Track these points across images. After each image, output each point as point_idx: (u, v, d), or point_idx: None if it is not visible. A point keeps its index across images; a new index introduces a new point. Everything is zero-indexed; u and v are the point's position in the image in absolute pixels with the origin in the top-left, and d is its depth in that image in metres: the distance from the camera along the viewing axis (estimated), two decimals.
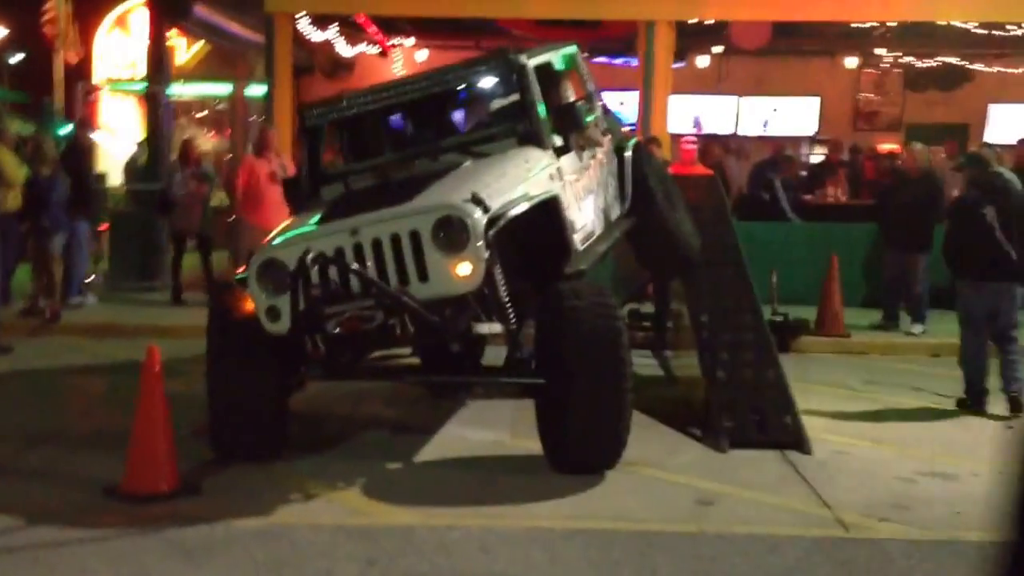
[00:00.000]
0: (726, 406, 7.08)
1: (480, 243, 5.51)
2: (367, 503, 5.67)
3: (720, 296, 8.33)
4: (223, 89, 16.63)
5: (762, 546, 5.01)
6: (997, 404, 7.82)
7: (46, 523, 5.24)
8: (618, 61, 16.86)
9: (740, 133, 17.89)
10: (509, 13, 13.61)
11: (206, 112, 18.00)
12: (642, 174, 7.91)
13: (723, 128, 18.21)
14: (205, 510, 5.42)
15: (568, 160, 6.80)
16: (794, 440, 6.73)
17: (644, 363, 9.54)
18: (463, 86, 7.36)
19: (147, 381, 5.65)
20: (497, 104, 7.57)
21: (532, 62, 6.88)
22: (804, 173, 15.49)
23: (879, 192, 11.80)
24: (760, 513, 5.53)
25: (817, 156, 18.15)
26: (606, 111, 8.41)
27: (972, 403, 7.90)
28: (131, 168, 15.22)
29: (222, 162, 16.65)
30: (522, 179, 6.12)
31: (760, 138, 17.80)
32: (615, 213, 7.74)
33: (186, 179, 11.76)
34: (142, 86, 17.03)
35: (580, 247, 6.60)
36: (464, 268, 5.54)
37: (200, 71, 17.27)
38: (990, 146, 12.04)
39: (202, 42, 17.12)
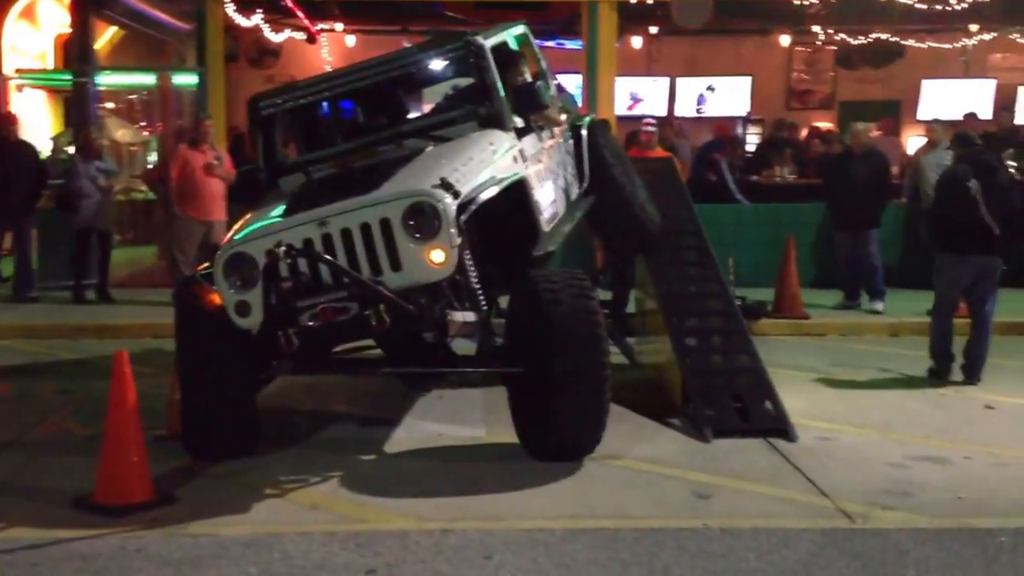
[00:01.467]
0: (704, 394, 6.96)
1: (453, 229, 5.44)
2: (355, 507, 5.43)
3: (685, 281, 8.22)
4: (147, 79, 16.03)
5: (772, 540, 4.88)
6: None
7: (16, 538, 4.92)
8: (550, 43, 16.65)
9: (677, 114, 17.77)
10: None
11: (123, 103, 17.35)
12: (599, 152, 7.82)
13: (657, 109, 18.10)
14: (186, 521, 5.15)
15: (529, 141, 6.72)
16: (778, 427, 6.63)
17: None
18: (421, 70, 7.19)
19: (117, 387, 5.36)
20: (456, 87, 7.42)
21: (489, 43, 6.77)
22: (749, 153, 15.52)
23: (821, 171, 11.78)
24: (760, 505, 5.41)
25: (752, 136, 18.20)
26: (560, 90, 8.30)
27: (940, 371, 8.09)
28: (53, 164, 14.64)
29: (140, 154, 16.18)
30: (488, 162, 6.04)
31: (696, 119, 17.73)
32: (575, 192, 7.65)
33: (88, 173, 11.25)
34: (57, 78, 16.44)
35: (547, 228, 6.54)
36: (437, 255, 5.47)
37: (115, 59, 16.62)
38: (939, 122, 12.25)
39: (115, 29, 16.48)
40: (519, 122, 6.67)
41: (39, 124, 16.62)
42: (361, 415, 7.37)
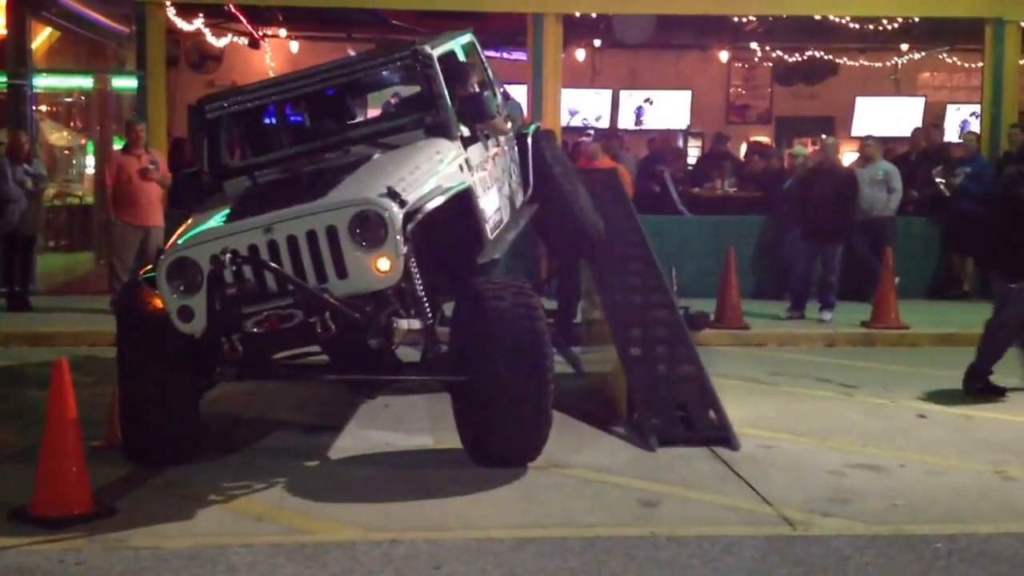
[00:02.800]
0: (649, 403, 7.04)
1: (399, 237, 5.47)
2: (301, 518, 5.39)
3: (630, 291, 8.32)
4: (85, 82, 15.76)
5: (716, 547, 4.94)
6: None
7: None
8: (494, 54, 16.70)
9: (619, 126, 17.93)
10: (391, 4, 13.31)
11: (61, 106, 17.05)
12: (544, 160, 7.98)
13: (599, 122, 18.26)
14: (127, 533, 5.07)
15: (475, 150, 6.79)
16: (721, 436, 6.73)
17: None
18: (369, 77, 7.25)
19: (57, 396, 5.24)
20: (403, 95, 7.54)
21: (436, 52, 6.83)
22: (690, 166, 15.72)
23: (795, 184, 11.94)
24: (705, 512, 5.49)
25: (693, 148, 18.43)
26: (506, 98, 8.43)
27: (984, 388, 8.04)
28: None
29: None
30: (434, 172, 6.09)
31: (636, 131, 17.90)
32: (519, 199, 7.77)
33: (17, 176, 11.05)
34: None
35: (492, 236, 6.65)
36: (384, 263, 5.50)
37: (51, 61, 16.33)
38: (873, 139, 12.55)
39: (49, 30, 16.20)
40: (466, 131, 6.73)
41: None
42: (306, 423, 7.33)
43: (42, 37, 16.28)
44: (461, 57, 7.50)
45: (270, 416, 7.48)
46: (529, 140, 7.95)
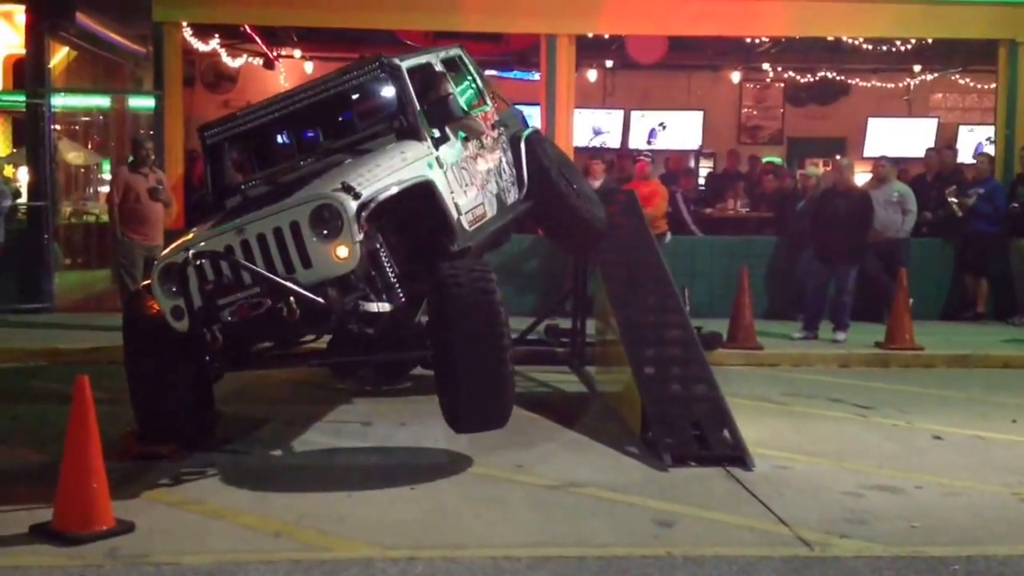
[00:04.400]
0: (663, 422, 7.05)
1: (354, 226, 6.03)
2: (319, 535, 5.40)
3: (644, 310, 8.36)
4: (102, 101, 15.89)
5: (734, 568, 4.95)
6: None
7: None
8: (511, 75, 16.81)
9: (630, 147, 17.97)
10: (405, 25, 13.39)
11: (79, 125, 17.17)
12: (539, 160, 8.49)
13: (611, 142, 18.32)
14: (146, 549, 5.10)
15: (448, 149, 7.31)
16: (736, 455, 6.74)
17: (565, 379, 9.55)
18: (345, 91, 7.70)
19: (79, 413, 5.28)
20: (378, 104, 8.04)
21: (406, 64, 7.46)
22: (702, 186, 15.75)
23: (809, 205, 11.95)
24: (721, 533, 5.48)
25: (704, 169, 18.49)
26: (503, 105, 8.97)
27: None
28: None
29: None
30: (396, 168, 6.65)
31: (649, 152, 17.92)
32: (511, 197, 8.28)
33: None
34: (8, 99, 16.22)
35: (468, 227, 7.24)
36: (342, 251, 6.06)
37: (69, 80, 16.47)
38: (887, 159, 12.57)
39: (66, 50, 16.35)
40: (437, 132, 7.25)
41: None
42: (323, 442, 7.36)
43: (59, 56, 16.47)
44: (438, 68, 7.96)
45: (288, 435, 7.52)
46: (523, 143, 8.50)
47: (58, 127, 15.52)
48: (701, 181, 17.53)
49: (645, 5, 12.62)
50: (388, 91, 7.60)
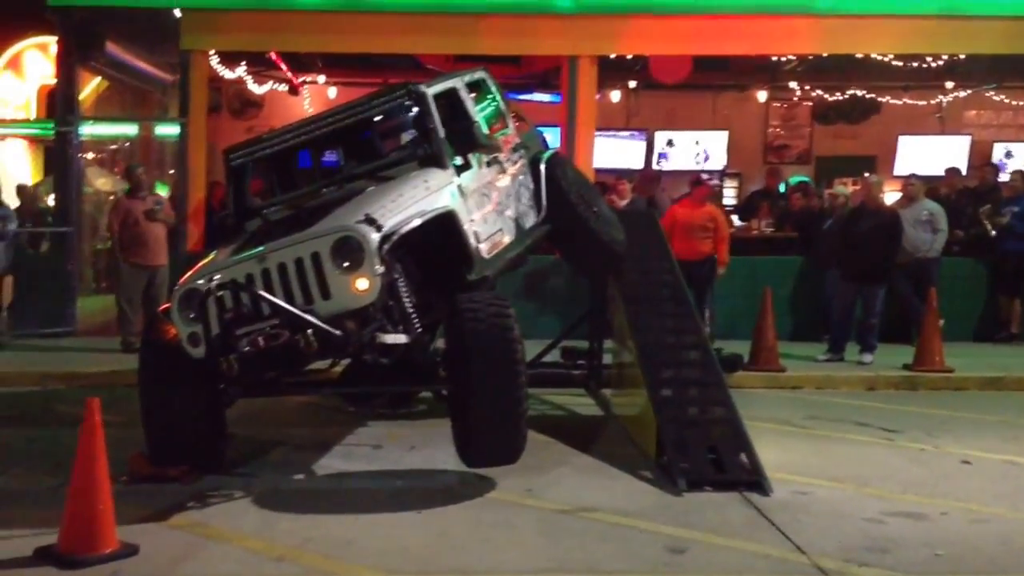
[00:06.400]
0: (679, 445, 6.89)
1: (375, 259, 5.99)
2: (323, 559, 5.30)
3: (663, 332, 8.21)
4: (129, 129, 16.02)
5: None
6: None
7: None
8: (525, 97, 16.73)
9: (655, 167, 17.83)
10: (426, 49, 13.36)
11: (106, 152, 17.31)
12: (557, 183, 8.37)
13: (635, 162, 18.17)
14: (148, 572, 5.05)
15: (470, 176, 7.25)
16: (753, 480, 6.56)
17: (581, 402, 9.41)
18: (371, 117, 7.67)
19: (87, 435, 5.24)
20: (402, 130, 8.08)
21: (432, 90, 7.35)
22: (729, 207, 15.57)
23: (836, 224, 11.76)
24: (736, 560, 5.32)
25: (730, 189, 18.31)
26: (523, 128, 8.87)
27: None
28: (27, 210, 14.55)
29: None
30: (419, 198, 6.61)
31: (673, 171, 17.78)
32: (529, 221, 8.20)
33: None
34: (38, 128, 16.37)
35: (487, 255, 7.16)
36: (362, 283, 6.00)
37: (100, 110, 16.62)
38: (917, 177, 12.36)
39: (99, 79, 16.51)
40: (460, 160, 7.20)
41: (19, 173, 16.50)
42: (333, 465, 7.26)
43: (91, 86, 16.64)
44: (463, 93, 7.82)
45: (294, 456, 7.46)
46: (543, 166, 8.39)
47: (91, 155, 15.70)
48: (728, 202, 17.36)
49: (668, 25, 12.50)
50: (413, 118, 7.57)
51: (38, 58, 16.89)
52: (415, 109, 7.29)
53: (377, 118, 7.70)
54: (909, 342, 11.04)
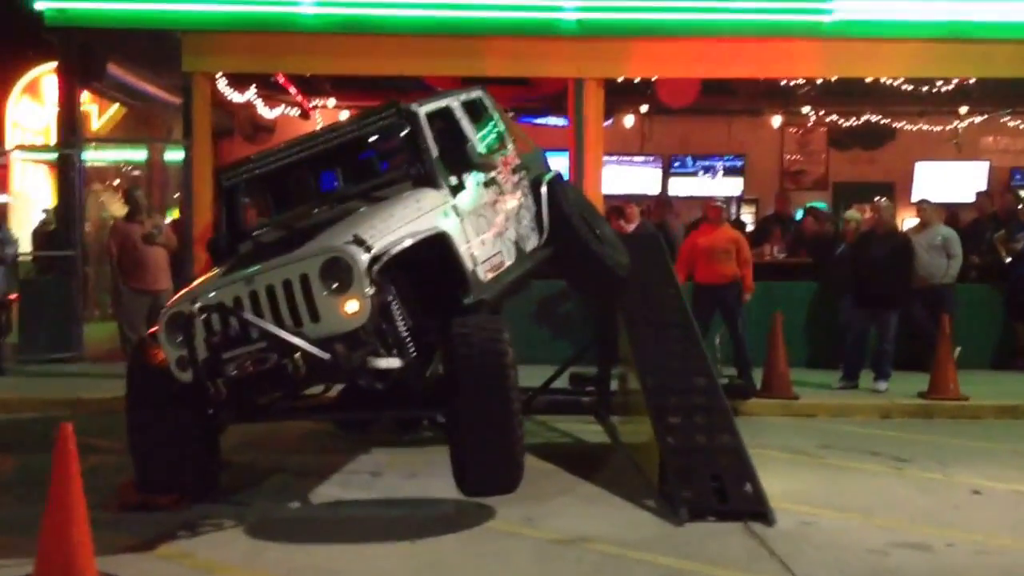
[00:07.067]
0: (682, 474, 6.72)
1: (365, 280, 5.85)
2: None
3: (668, 357, 8.04)
4: (138, 155, 16.02)
5: None
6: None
7: None
8: (540, 121, 16.69)
9: (670, 193, 17.71)
10: (434, 71, 13.30)
11: (123, 178, 17.35)
12: (559, 205, 8.22)
13: (650, 188, 18.07)
14: None
15: (466, 197, 7.12)
16: (757, 510, 6.38)
17: (589, 429, 9.24)
18: (362, 136, 7.56)
19: (60, 462, 5.06)
20: (394, 150, 7.86)
21: (424, 109, 7.25)
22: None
23: (849, 249, 11.60)
24: None
25: (747, 215, 18.17)
26: (526, 146, 8.70)
27: None
28: (39, 235, 14.58)
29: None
30: (410, 218, 6.48)
31: (688, 198, 17.67)
32: (531, 244, 8.05)
33: None
34: (55, 153, 16.41)
35: (484, 278, 7.00)
36: (352, 305, 5.86)
37: (116, 135, 16.67)
38: (928, 202, 12.19)
39: (116, 106, 16.55)
40: (455, 180, 7.07)
41: (41, 199, 16.49)
42: (329, 493, 7.12)
43: (108, 114, 16.69)
44: (463, 112, 7.73)
45: (286, 486, 7.32)
46: (544, 188, 8.24)
47: (115, 182, 15.73)
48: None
49: (674, 47, 12.43)
50: (405, 137, 7.39)
51: (56, 82, 16.93)
52: (406, 128, 7.19)
53: (368, 137, 7.59)
54: (925, 369, 10.82)
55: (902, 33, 12.39)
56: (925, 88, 14.60)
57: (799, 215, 15.75)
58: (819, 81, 14.78)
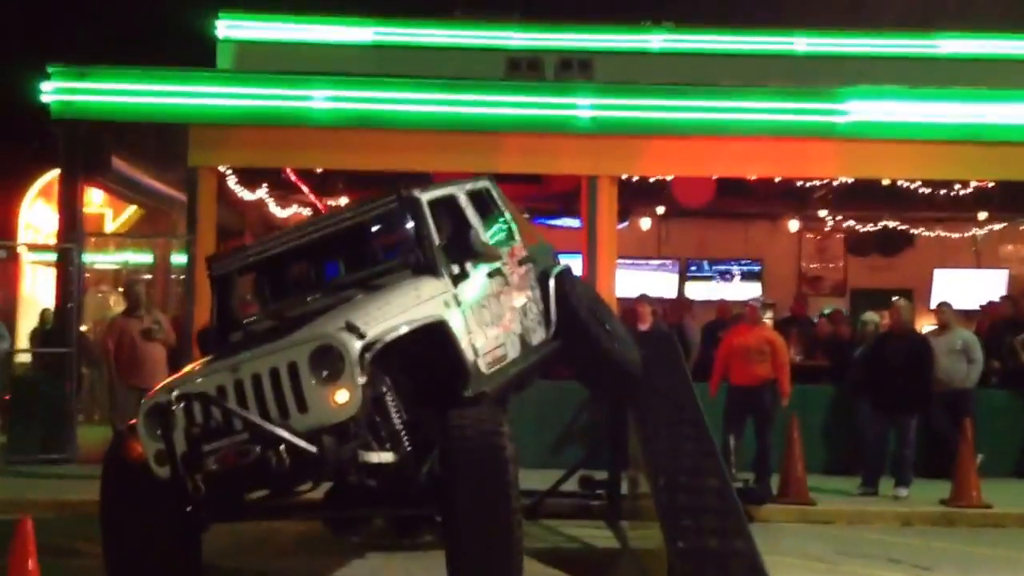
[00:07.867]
0: None
1: (356, 369, 5.59)
2: None
3: (679, 458, 7.71)
4: (145, 258, 15.94)
5: None
6: None
7: None
8: (553, 222, 16.57)
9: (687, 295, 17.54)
10: (446, 167, 13.16)
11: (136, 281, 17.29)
12: (567, 297, 8.06)
13: (667, 292, 17.85)
14: None
15: (469, 286, 6.90)
16: None
17: (599, 534, 8.88)
18: (362, 223, 7.37)
19: (16, 565, 4.84)
20: (395, 237, 7.71)
21: (427, 196, 7.06)
22: None
23: (866, 351, 11.31)
24: None
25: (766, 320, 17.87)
26: (533, 239, 8.57)
27: None
28: (37, 334, 14.40)
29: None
30: (408, 307, 6.24)
31: (705, 301, 17.42)
32: (537, 337, 7.83)
33: None
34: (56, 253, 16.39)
35: (486, 370, 6.72)
36: (342, 395, 5.60)
37: (129, 236, 16.67)
38: (947, 305, 11.91)
39: (132, 208, 16.56)
40: (457, 269, 6.86)
41: (48, 301, 16.36)
42: None
43: (125, 216, 16.69)
44: (467, 201, 7.57)
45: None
46: (552, 281, 8.07)
47: (117, 286, 15.61)
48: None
49: (687, 146, 12.39)
50: (406, 224, 7.20)
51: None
52: (408, 215, 6.99)
53: (368, 224, 7.39)
54: (947, 476, 10.39)
55: (917, 135, 12.36)
56: (943, 191, 14.42)
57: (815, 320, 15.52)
58: (836, 184, 14.64)
